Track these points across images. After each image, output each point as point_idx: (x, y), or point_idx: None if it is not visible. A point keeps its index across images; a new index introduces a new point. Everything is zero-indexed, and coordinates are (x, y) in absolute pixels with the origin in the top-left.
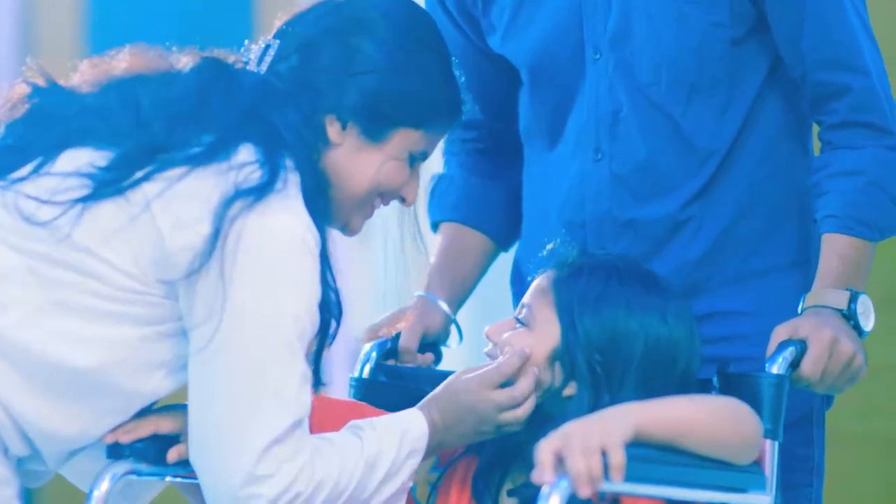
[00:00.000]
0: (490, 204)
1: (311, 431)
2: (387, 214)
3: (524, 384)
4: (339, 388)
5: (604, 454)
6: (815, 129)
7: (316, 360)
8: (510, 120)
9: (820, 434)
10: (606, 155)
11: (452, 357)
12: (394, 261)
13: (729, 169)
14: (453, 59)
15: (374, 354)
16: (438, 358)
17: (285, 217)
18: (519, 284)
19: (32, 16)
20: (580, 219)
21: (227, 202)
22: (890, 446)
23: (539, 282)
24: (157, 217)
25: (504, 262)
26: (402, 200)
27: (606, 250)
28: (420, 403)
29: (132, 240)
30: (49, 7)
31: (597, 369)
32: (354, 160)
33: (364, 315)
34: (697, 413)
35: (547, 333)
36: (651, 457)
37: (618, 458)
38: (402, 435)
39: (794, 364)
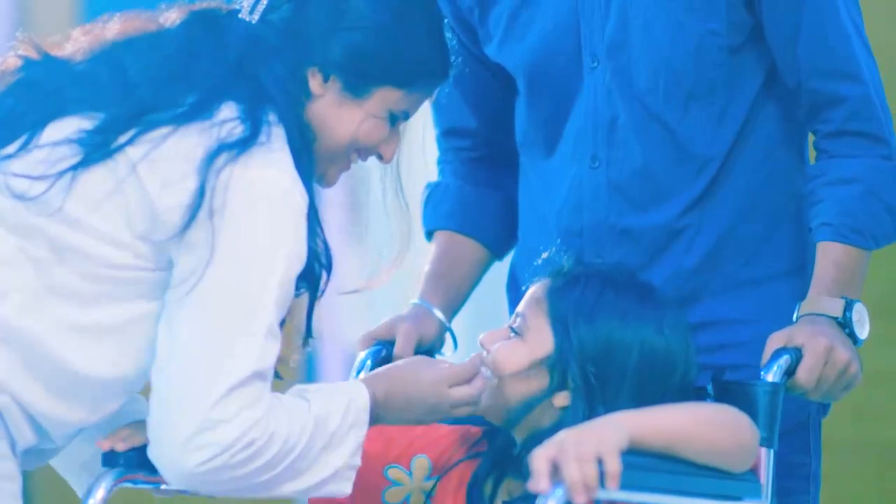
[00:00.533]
0: (485, 212)
1: None
2: (380, 211)
3: (478, 383)
4: None
5: (599, 462)
6: (811, 137)
7: (308, 313)
8: (505, 129)
9: (816, 441)
10: (603, 162)
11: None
12: (388, 263)
13: (725, 177)
14: (445, 21)
15: (368, 362)
16: None
17: (270, 170)
18: (514, 292)
19: None
20: (577, 226)
21: (211, 157)
22: (885, 453)
23: (533, 291)
24: (144, 179)
25: (499, 270)
26: (380, 157)
27: (603, 258)
28: (365, 378)
29: (123, 204)
30: None
31: (591, 380)
32: (334, 114)
33: (359, 319)
34: (693, 421)
35: (539, 342)
36: (646, 464)
37: (613, 465)
38: (349, 402)
39: (790, 372)
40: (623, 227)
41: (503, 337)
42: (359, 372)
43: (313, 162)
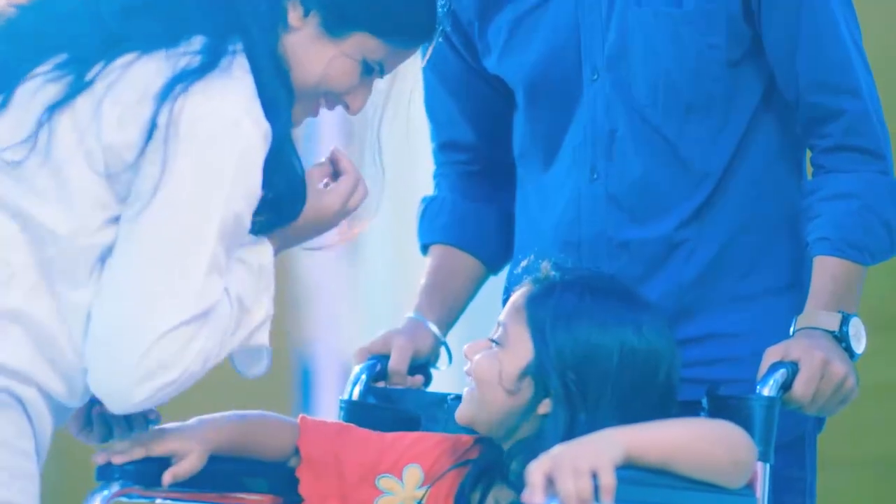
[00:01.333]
0: (480, 227)
1: (301, 455)
2: (377, 233)
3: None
4: (330, 411)
5: (594, 476)
6: (808, 153)
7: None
8: (503, 143)
9: (812, 456)
10: (602, 175)
11: (442, 379)
12: (383, 280)
13: (724, 190)
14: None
15: (363, 377)
16: (428, 380)
17: (221, 100)
18: None
19: None
20: (575, 239)
21: (168, 86)
22: (881, 468)
23: (513, 299)
24: (106, 108)
25: (494, 283)
26: (347, 108)
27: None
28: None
29: (95, 137)
30: None
31: (571, 387)
32: (308, 50)
33: (354, 332)
34: (690, 437)
35: (519, 351)
36: (641, 479)
37: (608, 479)
38: (260, 270)
39: (786, 386)
40: (621, 239)
41: (485, 347)
42: (353, 386)
43: (290, 92)
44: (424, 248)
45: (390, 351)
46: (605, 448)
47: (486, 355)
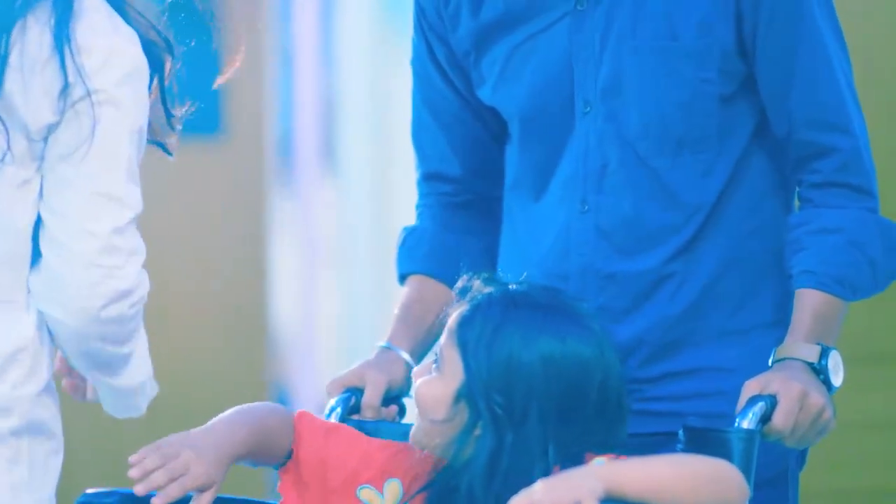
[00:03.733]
0: (460, 259)
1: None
2: (358, 266)
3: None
4: None
5: None
6: None
7: (162, 101)
8: (489, 176)
9: (794, 492)
10: (593, 208)
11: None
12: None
13: (713, 225)
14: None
15: (338, 410)
16: (402, 411)
17: (100, 33)
18: None
19: None
20: (563, 271)
21: (56, 37)
22: (859, 501)
23: (449, 321)
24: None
25: None
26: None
27: (587, 300)
28: None
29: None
30: None
31: (496, 409)
32: None
33: (332, 365)
34: (675, 475)
35: (452, 375)
36: None
37: None
38: None
39: (765, 419)
40: (609, 272)
41: (427, 370)
42: (328, 419)
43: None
44: (402, 278)
45: (364, 384)
46: (585, 482)
47: (424, 381)
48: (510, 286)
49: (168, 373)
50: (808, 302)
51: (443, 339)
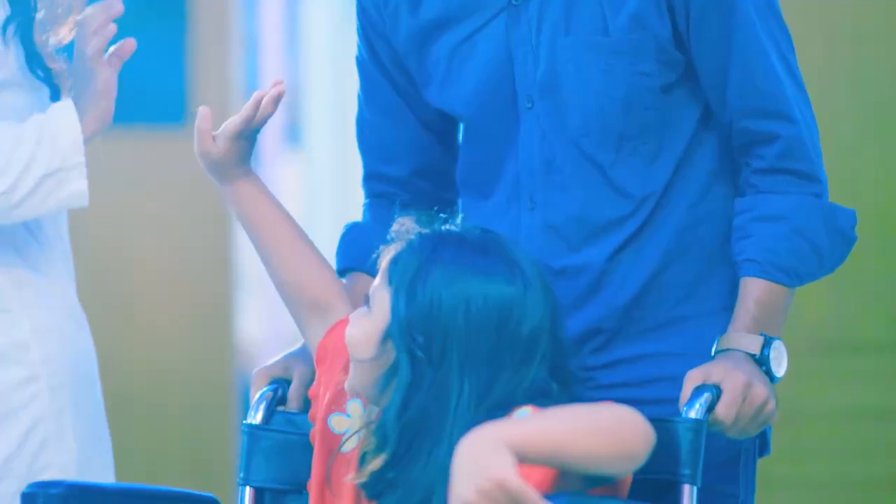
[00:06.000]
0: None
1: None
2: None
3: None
4: None
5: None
6: None
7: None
8: (434, 177)
9: (747, 473)
10: (540, 204)
11: None
12: None
13: (662, 213)
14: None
15: (266, 401)
16: None
17: None
18: None
19: None
20: None
21: None
22: (821, 490)
23: (382, 261)
24: None
25: None
26: None
27: None
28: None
29: None
30: None
31: (416, 350)
32: None
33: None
34: (574, 430)
35: (381, 314)
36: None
37: (517, 485)
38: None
39: (709, 409)
40: (559, 267)
41: (359, 314)
42: (256, 410)
43: None
44: (340, 273)
45: (290, 375)
46: (493, 459)
47: (355, 322)
48: (444, 227)
49: (133, 358)
50: (752, 291)
51: (376, 278)
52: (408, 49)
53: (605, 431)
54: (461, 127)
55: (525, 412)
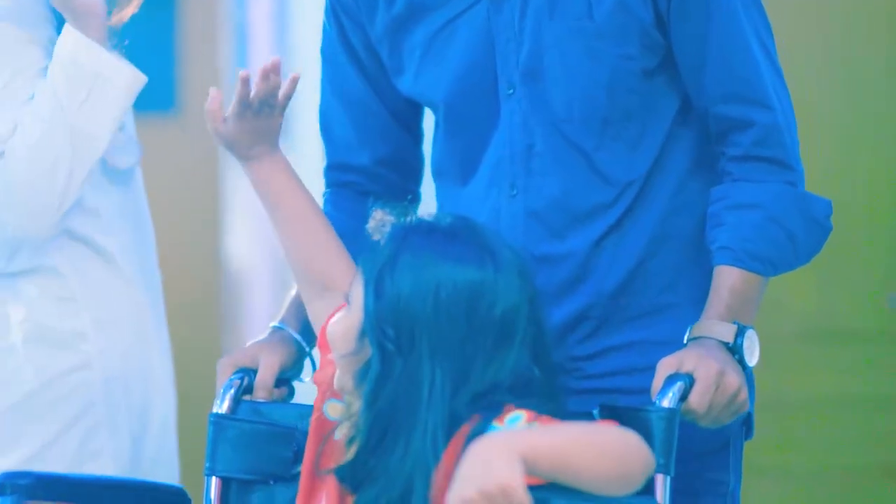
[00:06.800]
0: (359, 246)
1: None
2: None
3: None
4: None
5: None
6: None
7: None
8: (399, 168)
9: (736, 461)
10: (521, 190)
11: (306, 391)
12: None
13: (644, 201)
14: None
15: (232, 390)
16: (291, 392)
17: None
18: None
19: None
20: None
21: None
22: (808, 479)
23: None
24: None
25: None
26: None
27: None
28: None
29: None
30: None
31: (386, 343)
32: None
33: None
34: (584, 453)
35: (358, 309)
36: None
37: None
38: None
39: (682, 397)
40: (541, 254)
41: (341, 311)
42: (223, 400)
43: None
44: None
45: (257, 365)
46: (504, 464)
47: (336, 318)
48: (417, 216)
49: None
50: (726, 279)
51: (354, 274)
52: (382, 35)
53: (613, 456)
54: (437, 116)
55: (519, 416)
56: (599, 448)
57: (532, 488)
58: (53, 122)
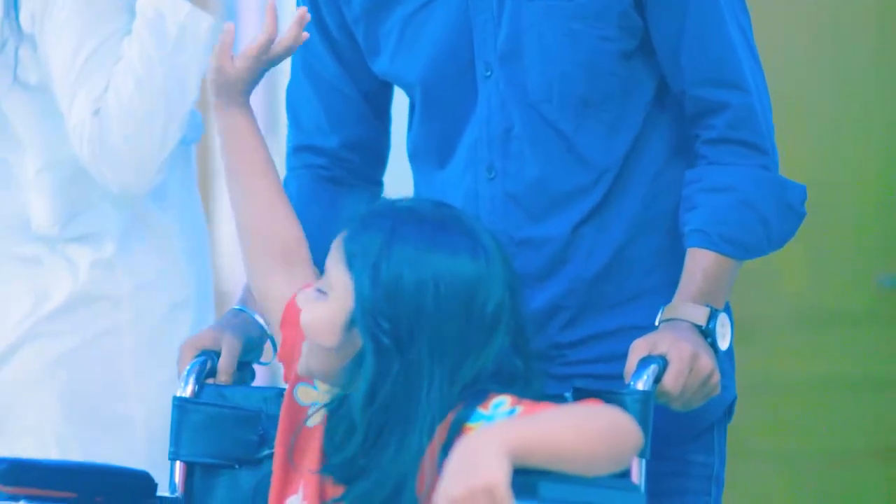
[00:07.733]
0: (321, 232)
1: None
2: None
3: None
4: None
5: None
6: None
7: None
8: (366, 153)
9: (720, 443)
10: (499, 173)
11: (267, 373)
12: None
13: (622, 186)
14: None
15: (195, 373)
16: (252, 375)
17: None
18: None
19: None
20: None
21: None
22: (798, 462)
23: (335, 241)
24: None
25: None
26: None
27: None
28: None
29: None
30: None
31: (382, 337)
32: None
33: None
34: (575, 438)
35: (341, 297)
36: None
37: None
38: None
39: (656, 379)
40: (520, 237)
41: (311, 297)
42: (186, 383)
43: None
44: None
45: (219, 347)
46: (490, 462)
47: (312, 308)
48: (397, 202)
49: None
50: (699, 262)
51: (329, 259)
52: (360, 16)
53: (604, 438)
54: (413, 98)
55: (503, 401)
56: (590, 432)
57: (519, 472)
58: (144, 75)
